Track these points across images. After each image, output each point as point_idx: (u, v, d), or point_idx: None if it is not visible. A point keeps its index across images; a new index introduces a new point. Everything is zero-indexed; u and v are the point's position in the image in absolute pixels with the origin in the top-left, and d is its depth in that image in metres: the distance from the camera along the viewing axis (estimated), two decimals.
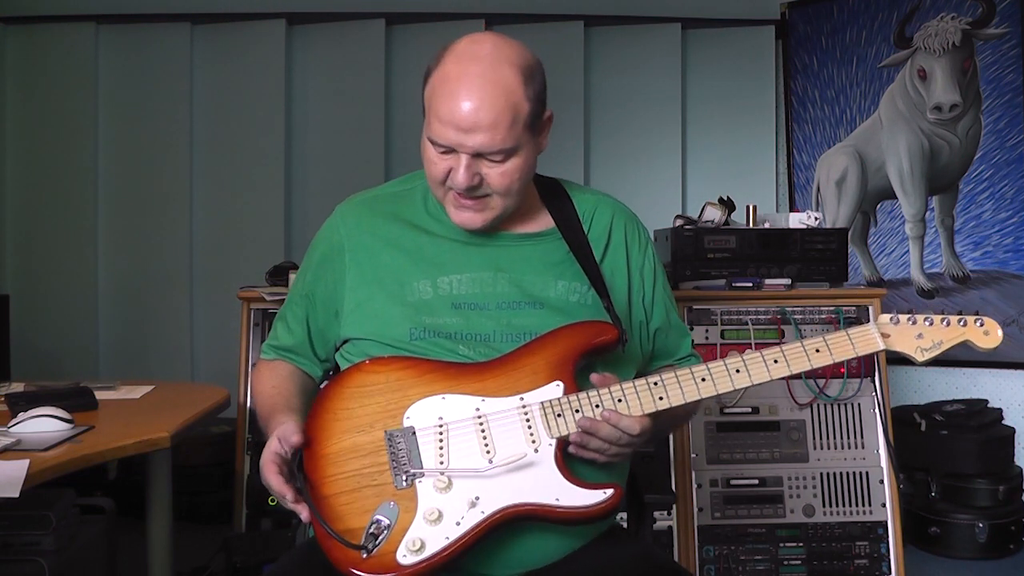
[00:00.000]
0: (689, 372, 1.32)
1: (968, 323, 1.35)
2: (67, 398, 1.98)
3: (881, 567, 2.61)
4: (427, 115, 1.35)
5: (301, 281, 1.52)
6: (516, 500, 1.23)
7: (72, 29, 3.99)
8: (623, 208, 1.54)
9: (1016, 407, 3.62)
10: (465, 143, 1.30)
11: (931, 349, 1.35)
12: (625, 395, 1.29)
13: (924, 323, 1.36)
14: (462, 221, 1.38)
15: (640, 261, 1.50)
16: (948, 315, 1.36)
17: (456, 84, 1.30)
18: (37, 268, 4.01)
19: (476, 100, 1.28)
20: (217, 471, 3.54)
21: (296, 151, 4.11)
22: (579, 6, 4.10)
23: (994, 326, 1.36)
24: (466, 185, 1.32)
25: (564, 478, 1.25)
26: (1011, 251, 3.60)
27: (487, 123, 1.29)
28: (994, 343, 1.34)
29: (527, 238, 1.44)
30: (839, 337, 1.34)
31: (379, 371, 1.33)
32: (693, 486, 2.62)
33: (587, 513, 1.24)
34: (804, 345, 1.34)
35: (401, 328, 1.37)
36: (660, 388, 1.31)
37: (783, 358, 1.33)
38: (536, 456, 1.26)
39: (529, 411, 1.28)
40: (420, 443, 1.26)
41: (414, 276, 1.40)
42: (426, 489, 1.24)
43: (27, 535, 2.09)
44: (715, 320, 2.67)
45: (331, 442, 1.28)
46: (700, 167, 4.21)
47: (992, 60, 3.63)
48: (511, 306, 1.38)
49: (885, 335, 1.35)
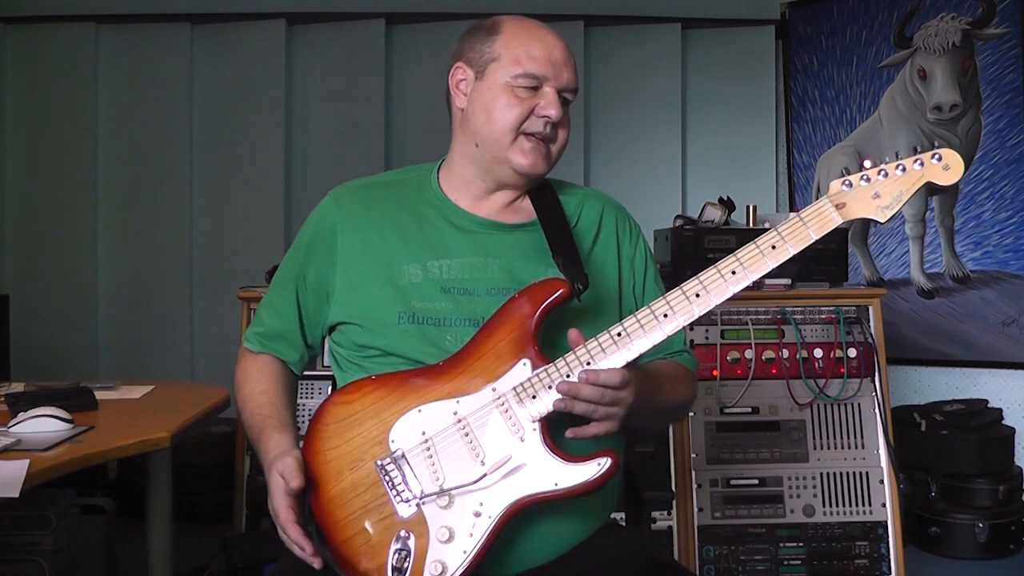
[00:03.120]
0: (649, 311, 1.27)
1: (924, 162, 1.25)
2: (67, 398, 1.98)
3: (881, 567, 2.61)
4: (503, 59, 1.39)
5: (291, 263, 1.51)
6: (517, 496, 1.23)
7: (72, 29, 3.99)
8: (612, 201, 1.55)
9: (1016, 407, 3.62)
10: (561, 75, 1.39)
11: (891, 205, 1.25)
12: (592, 355, 1.26)
13: (879, 177, 1.25)
14: (534, 163, 1.40)
15: (631, 252, 1.51)
16: (902, 160, 1.26)
17: (542, 31, 1.41)
18: (37, 268, 4.01)
19: (562, 42, 1.42)
20: (217, 471, 3.54)
21: (296, 151, 4.11)
22: (579, 6, 4.10)
23: (954, 157, 1.24)
24: (559, 116, 1.39)
25: (557, 459, 1.24)
26: (1011, 251, 3.60)
27: (573, 61, 1.42)
28: (956, 175, 1.24)
29: (516, 227, 1.45)
30: (792, 224, 1.26)
31: (351, 400, 1.31)
32: (693, 486, 2.62)
33: (589, 486, 1.24)
34: (759, 244, 1.26)
35: (389, 312, 1.37)
36: (625, 338, 1.26)
37: (739, 265, 1.26)
38: (524, 446, 1.25)
39: (504, 400, 1.26)
40: (413, 465, 1.26)
41: (404, 259, 1.40)
42: (432, 511, 1.24)
43: (27, 535, 2.09)
44: (715, 320, 2.67)
45: (330, 486, 1.27)
46: (700, 167, 4.21)
47: (992, 60, 3.63)
48: (501, 292, 1.37)
49: (840, 205, 1.26)
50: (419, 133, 4.01)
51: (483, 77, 1.40)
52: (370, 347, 1.39)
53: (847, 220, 1.26)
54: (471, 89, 1.42)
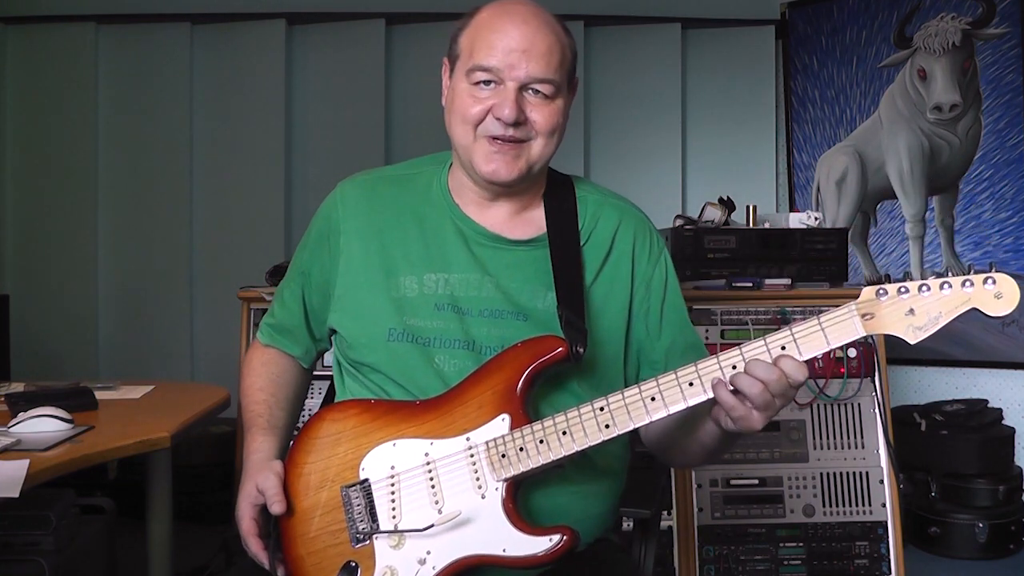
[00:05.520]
0: (637, 391, 1.17)
1: (975, 284, 1.07)
2: (67, 398, 1.98)
3: (881, 567, 2.61)
4: (463, 56, 1.29)
5: (299, 257, 1.49)
6: (464, 553, 1.20)
7: (72, 29, 3.99)
8: (633, 214, 1.42)
9: (1016, 407, 3.62)
10: (518, 66, 1.25)
11: (926, 327, 1.08)
12: (569, 425, 1.19)
13: (919, 293, 1.09)
14: (493, 170, 1.29)
15: (648, 273, 1.39)
16: (950, 278, 1.08)
17: (511, 16, 1.27)
18: (37, 268, 4.01)
19: (531, 27, 1.26)
20: (217, 471, 3.54)
21: (296, 151, 4.11)
22: (579, 6, 4.09)
23: (1010, 286, 1.06)
24: (513, 117, 1.24)
25: (511, 525, 1.19)
26: (1011, 251, 3.60)
27: (543, 48, 1.25)
28: (1009, 307, 1.07)
29: (520, 243, 1.36)
30: (809, 329, 1.12)
31: (338, 419, 1.30)
32: (693, 486, 2.62)
33: (534, 561, 1.19)
34: (768, 344, 1.13)
35: (380, 326, 1.33)
36: (606, 415, 1.18)
37: (743, 364, 1.13)
38: (483, 503, 1.20)
39: (475, 452, 1.21)
40: (375, 497, 1.24)
41: (402, 270, 1.35)
42: (382, 547, 1.22)
43: (27, 535, 2.09)
44: (715, 320, 2.67)
45: (299, 499, 1.27)
46: (700, 167, 4.21)
47: (992, 60, 3.63)
48: (494, 314, 1.31)
49: (867, 316, 1.10)
50: (419, 133, 4.01)
51: (452, 74, 1.33)
52: (361, 363, 1.37)
53: (871, 334, 1.11)
54: (447, 86, 1.35)
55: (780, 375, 1.11)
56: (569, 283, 1.32)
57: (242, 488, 1.30)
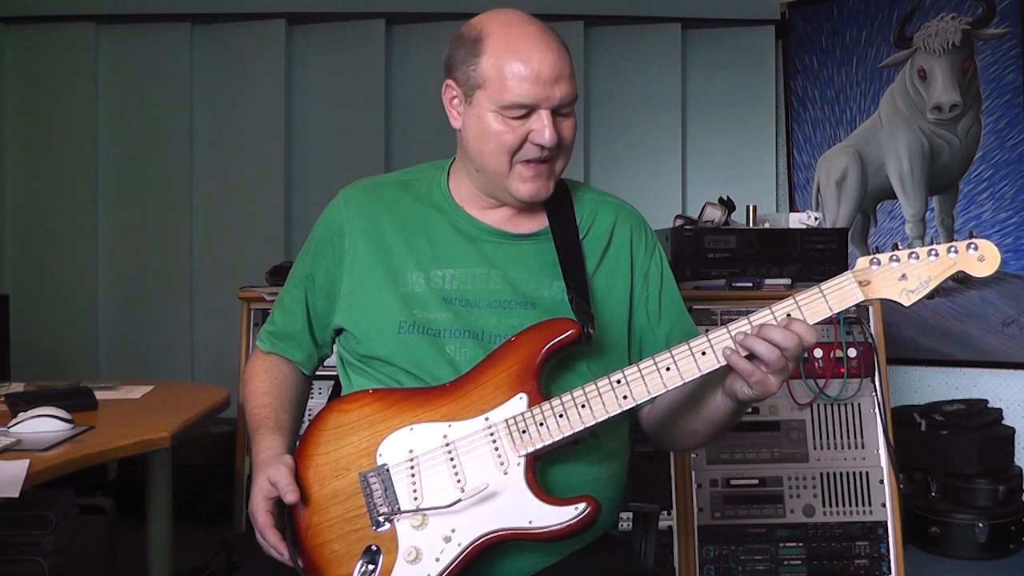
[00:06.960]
0: (652, 362, 1.23)
1: (960, 250, 1.18)
2: (67, 398, 1.98)
3: (881, 567, 2.61)
4: (491, 88, 1.30)
5: (302, 263, 1.51)
6: (490, 528, 1.22)
7: (72, 29, 3.99)
8: (629, 210, 1.49)
9: (1016, 407, 3.62)
10: (553, 95, 1.29)
11: (918, 289, 1.19)
12: (588, 399, 1.24)
13: (909, 260, 1.19)
14: (535, 191, 1.35)
15: (645, 264, 1.45)
16: (936, 245, 1.19)
17: (528, 41, 1.30)
18: (37, 268, 4.01)
19: (554, 51, 1.30)
20: (217, 471, 3.54)
21: (296, 151, 4.11)
22: (579, 6, 4.10)
23: (991, 249, 1.18)
24: (554, 142, 1.30)
25: (535, 497, 1.22)
26: (1011, 251, 3.60)
27: (567, 71, 1.31)
28: (990, 268, 1.17)
29: (523, 237, 1.41)
30: (811, 296, 1.21)
31: (349, 409, 1.32)
32: (693, 486, 2.62)
33: (561, 531, 1.21)
34: (774, 311, 1.21)
35: (390, 320, 1.36)
36: (624, 386, 1.24)
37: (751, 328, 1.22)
38: (506, 479, 1.23)
39: (495, 431, 1.25)
40: (395, 481, 1.25)
41: (409, 267, 1.38)
42: (404, 528, 1.23)
43: (27, 535, 2.09)
44: (715, 320, 2.67)
45: (313, 490, 1.28)
46: (700, 167, 4.21)
47: (992, 60, 3.63)
48: (503, 305, 1.35)
49: (864, 283, 1.20)
50: (419, 133, 4.01)
51: (471, 103, 1.33)
52: (371, 357, 1.38)
53: (869, 299, 1.21)
54: (463, 112, 1.36)
55: (796, 338, 1.18)
56: (574, 271, 1.37)
57: (254, 484, 1.31)
